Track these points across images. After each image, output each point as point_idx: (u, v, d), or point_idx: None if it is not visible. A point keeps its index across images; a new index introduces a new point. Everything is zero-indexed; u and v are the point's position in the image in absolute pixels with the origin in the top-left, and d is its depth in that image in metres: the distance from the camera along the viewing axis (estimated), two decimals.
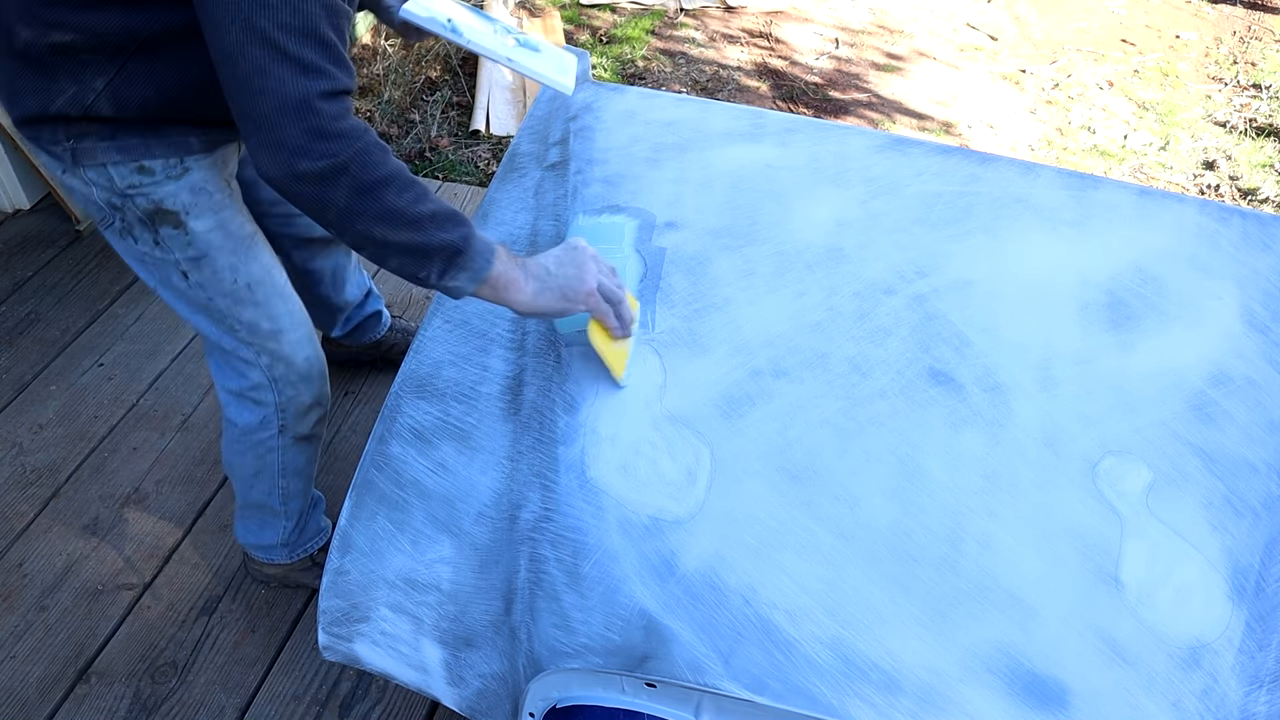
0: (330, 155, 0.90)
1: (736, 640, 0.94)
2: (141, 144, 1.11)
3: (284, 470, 1.51)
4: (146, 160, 1.13)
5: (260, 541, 1.65)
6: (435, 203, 0.98)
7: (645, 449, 1.09)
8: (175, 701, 1.61)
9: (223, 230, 1.22)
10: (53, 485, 1.93)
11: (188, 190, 1.17)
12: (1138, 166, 3.20)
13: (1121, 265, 1.34)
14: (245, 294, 1.27)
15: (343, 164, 0.90)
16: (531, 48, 1.31)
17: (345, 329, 2.00)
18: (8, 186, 2.55)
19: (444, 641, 1.07)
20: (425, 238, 0.96)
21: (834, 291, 1.28)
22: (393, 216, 0.94)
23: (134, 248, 1.22)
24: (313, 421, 1.47)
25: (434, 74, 3.41)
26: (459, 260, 0.99)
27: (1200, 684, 0.93)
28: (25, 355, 2.20)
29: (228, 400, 1.42)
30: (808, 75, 3.60)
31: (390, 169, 0.94)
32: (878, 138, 1.56)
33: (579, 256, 1.07)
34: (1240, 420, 1.15)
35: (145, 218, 1.17)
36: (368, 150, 0.92)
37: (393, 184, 0.94)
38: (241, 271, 1.25)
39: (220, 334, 1.31)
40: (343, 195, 0.92)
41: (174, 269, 1.22)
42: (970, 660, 0.93)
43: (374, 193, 0.93)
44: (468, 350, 1.24)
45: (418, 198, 0.96)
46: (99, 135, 1.09)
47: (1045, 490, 1.06)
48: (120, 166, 1.12)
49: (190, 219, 1.18)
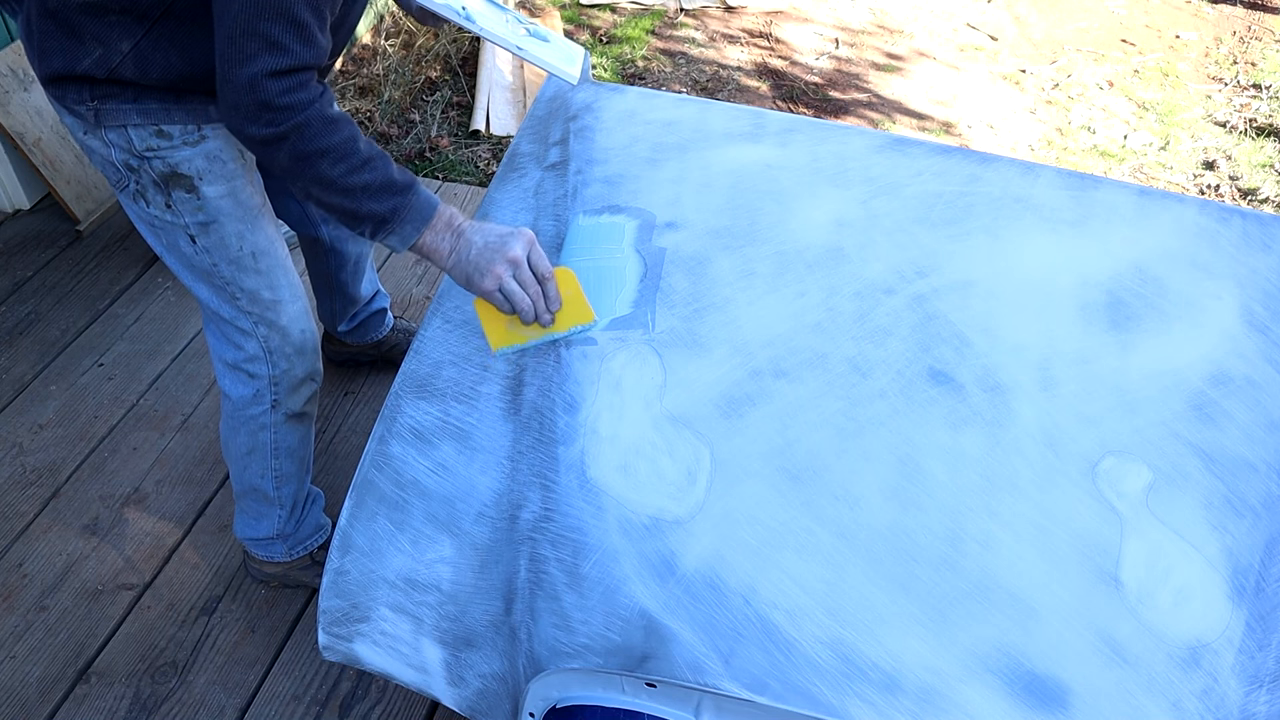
0: (273, 125, 1.03)
1: (736, 640, 0.94)
2: (162, 109, 1.16)
3: (276, 450, 1.52)
4: (165, 125, 1.18)
5: (257, 534, 1.65)
6: (373, 173, 1.09)
7: (645, 449, 1.09)
8: (175, 701, 1.61)
9: (233, 198, 1.26)
10: (53, 485, 1.93)
11: (203, 157, 1.21)
12: (1138, 166, 3.20)
13: (1121, 265, 1.34)
14: (249, 262, 1.30)
15: (283, 134, 1.03)
16: (541, 38, 1.34)
17: (351, 324, 2.01)
18: (8, 186, 2.55)
19: (444, 641, 1.07)
20: (355, 205, 1.09)
21: (834, 291, 1.28)
22: (327, 183, 1.07)
23: (145, 211, 1.25)
24: (305, 398, 1.49)
25: (434, 74, 3.41)
26: (386, 228, 1.12)
27: (1200, 684, 0.93)
28: (25, 355, 2.20)
29: (223, 372, 1.45)
30: (808, 75, 3.60)
31: (328, 143, 1.05)
32: (878, 138, 1.56)
33: (502, 251, 1.14)
34: (1240, 420, 1.15)
35: (160, 181, 1.21)
36: (308, 124, 1.04)
37: (328, 156, 1.06)
38: (248, 240, 1.29)
39: (220, 302, 1.34)
40: (284, 158, 1.06)
41: (183, 233, 1.26)
42: (970, 660, 0.93)
43: (310, 161, 1.06)
44: (468, 350, 1.24)
45: (352, 169, 1.07)
46: (121, 98, 1.14)
47: (1045, 490, 1.06)
48: (140, 129, 1.17)
49: (203, 184, 1.23)
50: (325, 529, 1.73)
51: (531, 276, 1.16)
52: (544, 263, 1.17)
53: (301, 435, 1.55)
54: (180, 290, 2.38)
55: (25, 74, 2.43)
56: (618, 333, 1.22)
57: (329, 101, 1.09)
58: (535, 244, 1.17)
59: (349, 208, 1.10)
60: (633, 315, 1.24)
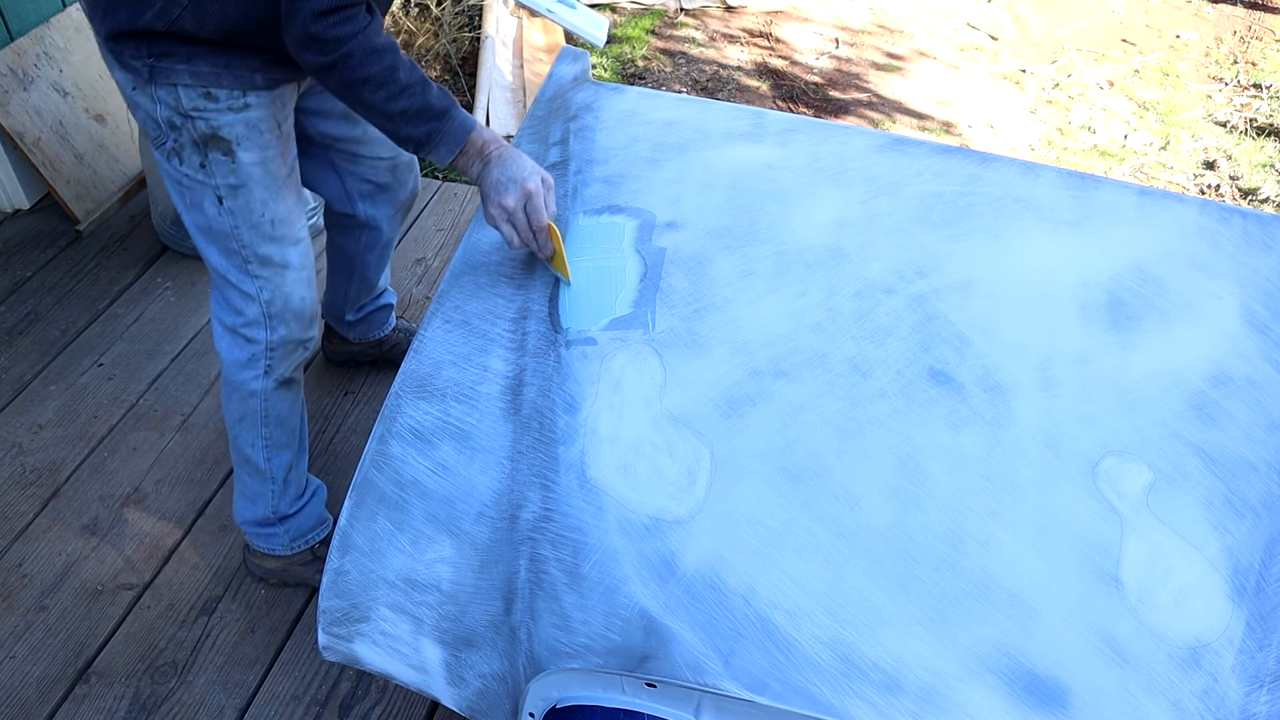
0: (322, 54, 1.16)
1: (736, 640, 0.94)
2: (212, 73, 1.25)
3: (266, 417, 1.55)
4: (214, 88, 1.26)
5: (254, 516, 1.66)
6: (410, 100, 1.21)
7: (645, 449, 1.09)
8: (175, 701, 1.61)
9: (264, 167, 1.35)
10: (52, 485, 1.93)
11: (243, 124, 1.30)
12: (1138, 166, 3.20)
13: (1122, 265, 1.34)
14: (268, 229, 1.39)
15: (331, 64, 1.17)
16: (568, 4, 1.40)
17: (359, 314, 2.02)
18: (8, 186, 2.55)
19: (444, 641, 1.07)
20: (395, 128, 1.24)
21: (834, 291, 1.27)
22: (370, 107, 1.22)
23: (178, 169, 1.33)
24: (296, 363, 1.54)
25: (434, 74, 3.41)
26: (424, 149, 1.26)
27: (1200, 684, 0.93)
28: (25, 355, 2.20)
29: (220, 334, 1.51)
30: (808, 75, 3.60)
31: (369, 72, 1.18)
32: (878, 138, 1.56)
33: (519, 183, 1.26)
34: (1240, 420, 1.15)
35: (199, 141, 1.29)
36: (352, 54, 1.16)
37: (369, 83, 1.18)
38: (270, 207, 1.37)
39: (229, 266, 1.41)
40: (334, 84, 1.20)
41: (211, 193, 1.34)
42: (970, 660, 0.93)
43: (355, 88, 1.19)
44: (468, 350, 1.24)
45: (391, 96, 1.20)
46: (177, 57, 1.23)
47: (1045, 490, 1.06)
48: (190, 89, 1.26)
49: (239, 149, 1.31)
50: (327, 524, 1.73)
51: (526, 222, 1.27)
52: (541, 215, 1.27)
53: (290, 402, 1.58)
54: (180, 290, 2.38)
55: (25, 74, 2.43)
56: (618, 333, 1.22)
57: (376, 31, 1.19)
58: (549, 190, 1.28)
59: (391, 129, 1.24)
60: (633, 315, 1.24)
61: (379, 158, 1.66)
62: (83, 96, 2.56)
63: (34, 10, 2.48)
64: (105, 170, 2.60)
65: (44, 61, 2.48)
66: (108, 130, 2.62)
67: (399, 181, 1.73)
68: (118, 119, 2.64)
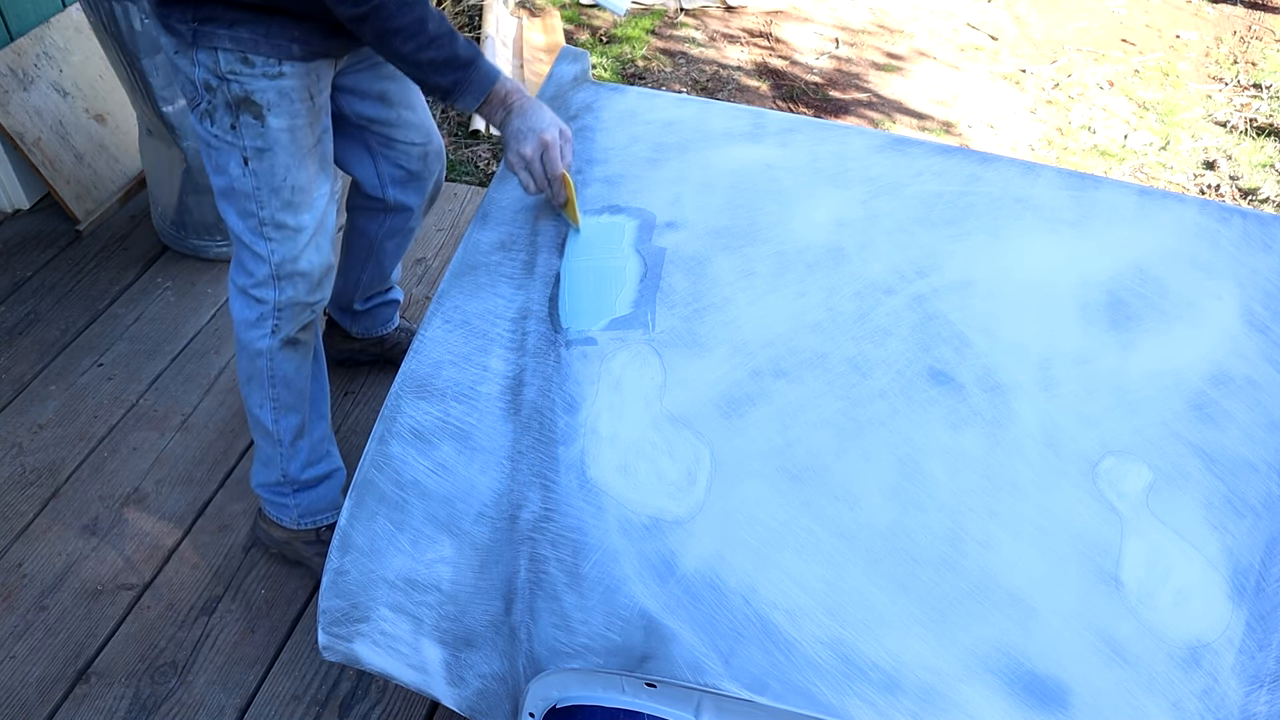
0: (356, 5, 1.22)
1: (736, 640, 0.94)
2: (252, 40, 1.31)
3: (273, 377, 1.59)
4: (252, 54, 1.32)
5: (266, 479, 1.68)
6: (438, 50, 1.28)
7: (645, 449, 1.09)
8: (175, 701, 1.61)
9: (291, 134, 1.40)
10: (52, 485, 1.93)
11: (275, 92, 1.36)
12: (1138, 166, 3.20)
13: (1122, 265, 1.34)
14: (288, 194, 1.44)
15: (364, 14, 1.23)
16: None
17: (367, 304, 2.04)
18: (8, 186, 2.55)
19: (444, 641, 1.07)
20: (424, 76, 1.31)
21: (834, 291, 1.28)
22: (401, 57, 1.29)
23: (209, 129, 1.39)
24: (302, 323, 1.57)
25: None
26: (450, 97, 1.33)
27: (1200, 684, 0.93)
28: (25, 355, 2.20)
29: (235, 296, 1.56)
30: (808, 75, 3.60)
31: (400, 23, 1.24)
32: (878, 138, 1.56)
33: (538, 133, 1.33)
34: (1240, 420, 1.15)
35: (232, 103, 1.35)
36: (384, 5, 1.22)
37: (400, 34, 1.25)
38: (293, 173, 1.43)
39: (244, 228, 1.46)
40: (369, 35, 1.27)
41: (238, 154, 1.40)
42: (970, 660, 0.93)
43: (386, 38, 1.26)
44: (468, 350, 1.24)
45: (420, 46, 1.27)
46: (219, 22, 1.30)
47: (1045, 490, 1.06)
48: (229, 54, 1.32)
49: (269, 115, 1.37)
50: (338, 509, 1.73)
51: (543, 170, 1.35)
52: (556, 165, 1.34)
53: (296, 364, 1.60)
54: (180, 290, 2.38)
55: (25, 74, 2.43)
56: (618, 333, 1.22)
57: None
58: (566, 141, 1.36)
59: (419, 78, 1.32)
60: (633, 315, 1.24)
61: (411, 143, 1.69)
62: (83, 96, 2.56)
63: (34, 10, 2.48)
64: (105, 170, 2.60)
65: (44, 61, 2.48)
66: (108, 130, 2.62)
67: (429, 170, 1.76)
68: (118, 119, 2.64)
